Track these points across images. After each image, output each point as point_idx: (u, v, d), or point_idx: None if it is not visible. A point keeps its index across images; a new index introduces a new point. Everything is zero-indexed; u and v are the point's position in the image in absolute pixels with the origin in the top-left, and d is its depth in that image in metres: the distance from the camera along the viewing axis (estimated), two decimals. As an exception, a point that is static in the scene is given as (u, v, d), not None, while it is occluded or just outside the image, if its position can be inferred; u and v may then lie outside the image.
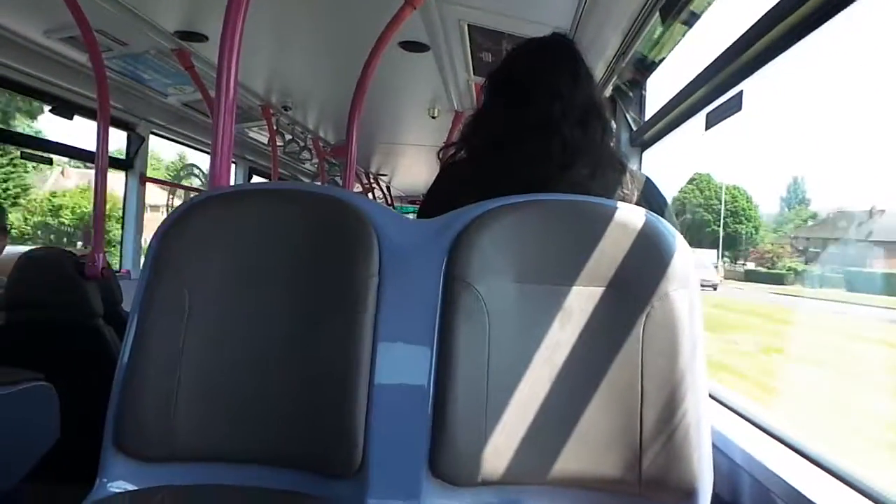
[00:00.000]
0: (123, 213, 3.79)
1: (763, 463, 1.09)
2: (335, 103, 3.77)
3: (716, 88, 1.53)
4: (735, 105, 1.38)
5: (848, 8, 1.04)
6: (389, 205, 8.86)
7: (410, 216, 1.20)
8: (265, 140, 4.64)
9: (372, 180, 7.90)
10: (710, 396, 1.24)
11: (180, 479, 0.98)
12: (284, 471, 0.98)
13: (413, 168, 6.98)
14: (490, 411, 0.94)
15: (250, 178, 5.46)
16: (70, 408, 1.72)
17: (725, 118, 1.42)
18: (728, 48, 1.40)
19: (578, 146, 1.15)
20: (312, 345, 0.99)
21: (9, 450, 1.60)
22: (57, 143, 3.44)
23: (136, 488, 0.97)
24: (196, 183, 6.71)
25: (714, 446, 0.98)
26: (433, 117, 3.93)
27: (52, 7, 2.20)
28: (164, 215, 1.09)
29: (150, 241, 1.05)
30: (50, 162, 3.57)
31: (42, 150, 3.41)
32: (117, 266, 3.70)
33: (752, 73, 1.37)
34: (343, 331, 0.98)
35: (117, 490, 0.97)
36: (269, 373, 1.00)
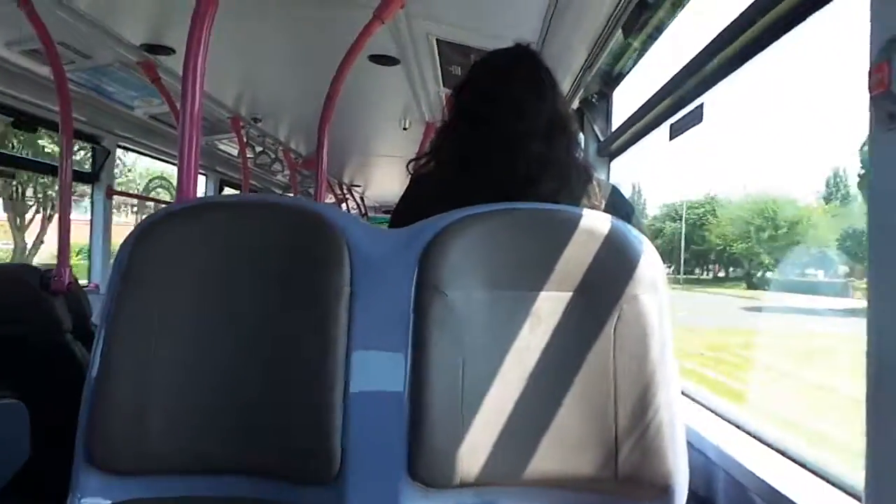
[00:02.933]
0: (91, 225, 3.72)
1: (736, 459, 1.12)
2: (306, 115, 3.76)
3: (678, 100, 1.58)
4: (697, 116, 1.43)
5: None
6: (363, 215, 8.84)
7: (385, 227, 1.21)
8: (236, 152, 4.60)
9: (346, 191, 7.88)
10: (683, 394, 1.26)
11: (153, 491, 0.97)
12: (260, 480, 0.98)
13: (386, 178, 6.98)
14: (466, 414, 0.96)
15: (221, 190, 5.40)
16: (41, 424, 1.68)
17: (688, 129, 1.47)
18: (689, 62, 1.45)
19: (544, 161, 1.16)
20: (285, 354, 0.99)
21: None
22: (20, 157, 3.37)
23: (108, 502, 0.96)
24: (166, 196, 6.61)
25: (688, 443, 1.01)
26: (405, 128, 3.94)
27: (13, 19, 2.16)
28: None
29: (117, 254, 1.04)
30: (13, 176, 3.49)
31: (5, 164, 3.33)
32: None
33: (712, 85, 1.41)
34: (316, 340, 0.98)
35: None
36: (241, 383, 0.99)
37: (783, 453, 1.14)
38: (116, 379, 0.98)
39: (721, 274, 24.49)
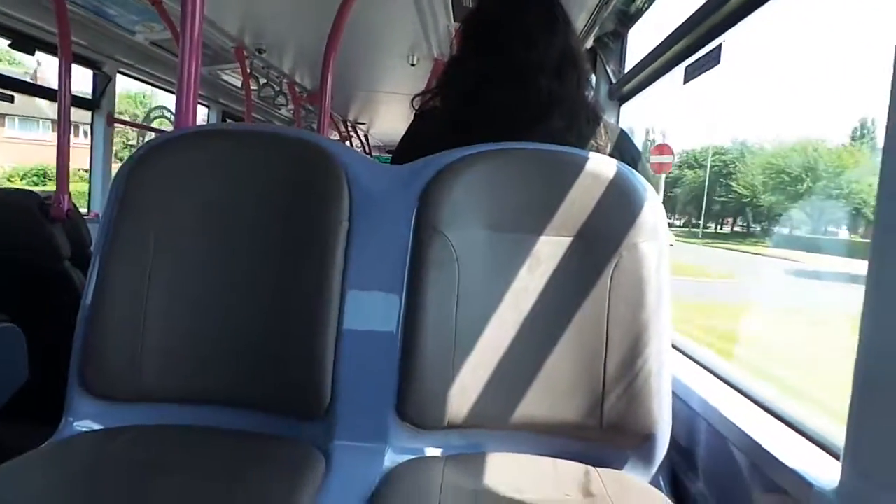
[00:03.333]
0: (91, 154, 3.68)
1: (719, 410, 1.13)
2: (311, 47, 3.65)
3: (696, 41, 1.52)
4: (714, 58, 1.37)
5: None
6: (367, 153, 8.75)
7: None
8: (239, 84, 4.50)
9: (350, 128, 7.77)
10: (674, 347, 1.27)
11: (146, 418, 0.98)
12: (252, 412, 0.99)
13: (392, 117, 6.86)
14: (457, 357, 0.96)
15: (224, 122, 5.32)
16: (38, 349, 1.71)
17: (704, 71, 1.42)
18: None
19: (555, 97, 1.13)
20: (280, 287, 0.99)
21: None
22: (18, 80, 3.30)
23: (101, 427, 0.98)
24: (168, 126, 6.53)
25: (674, 394, 1.01)
26: (412, 65, 3.84)
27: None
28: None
29: (113, 181, 1.02)
30: (11, 99, 3.43)
31: (4, 86, 3.27)
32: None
33: (731, 26, 1.35)
34: (312, 274, 0.98)
35: (83, 429, 0.98)
36: (235, 314, 0.99)
37: (765, 408, 1.15)
38: (110, 306, 0.98)
39: (742, 228, 22.50)
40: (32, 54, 3.01)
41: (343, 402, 0.96)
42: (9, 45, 2.96)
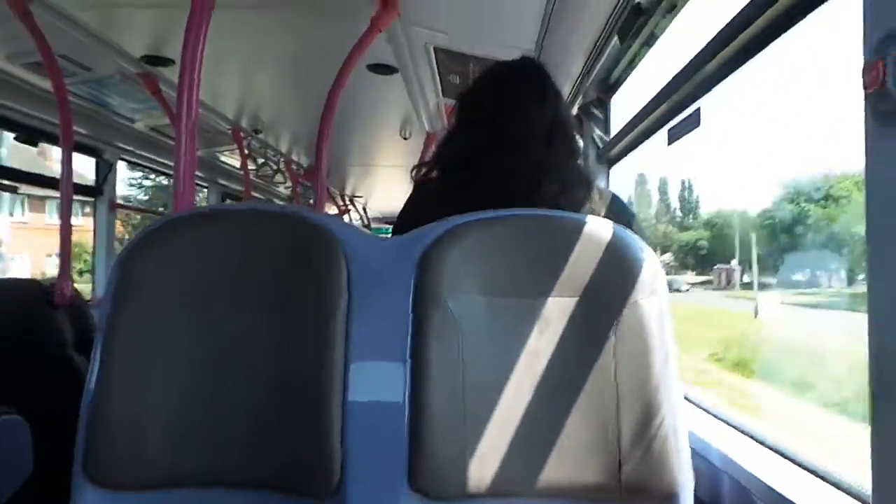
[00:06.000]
0: (94, 240, 3.72)
1: (742, 465, 1.11)
2: (307, 126, 3.77)
3: (676, 105, 1.58)
4: (694, 121, 1.43)
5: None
6: (365, 226, 8.85)
7: (388, 236, 1.21)
8: (238, 164, 4.61)
9: (348, 202, 7.90)
10: (686, 399, 1.26)
11: None
12: (260, 493, 0.97)
13: (388, 189, 6.99)
14: (467, 424, 0.95)
15: (223, 202, 5.41)
16: (43, 439, 1.68)
17: (686, 133, 1.47)
18: (685, 66, 1.45)
19: (545, 164, 1.17)
20: (284, 365, 0.99)
21: None
22: (22, 171, 3.38)
23: None
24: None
25: (692, 450, 0.99)
26: (405, 138, 3.95)
27: (14, 32, 2.18)
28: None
29: (112, 268, 1.04)
30: (15, 190, 3.50)
31: (6, 177, 3.34)
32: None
33: (709, 89, 1.41)
34: (314, 350, 0.98)
35: None
36: (239, 395, 0.99)
37: (789, 458, 1.13)
38: (113, 394, 0.97)
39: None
40: (36, 146, 3.11)
41: (353, 478, 0.94)
42: (14, 139, 3.05)
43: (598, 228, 1.01)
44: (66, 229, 2.47)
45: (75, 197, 2.58)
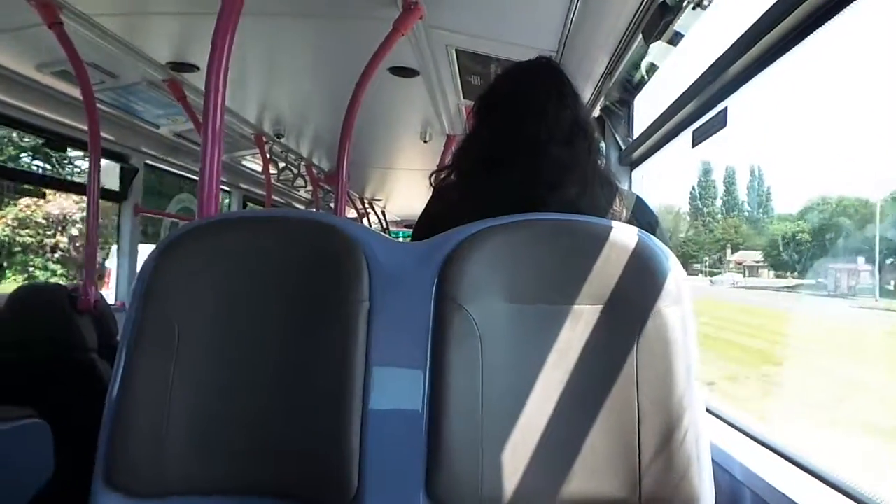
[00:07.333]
0: (118, 245, 3.79)
1: (763, 477, 1.08)
2: (328, 130, 3.79)
3: (701, 106, 1.55)
4: (720, 121, 1.40)
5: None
6: (384, 230, 8.87)
7: (406, 240, 1.20)
8: (260, 168, 4.65)
9: (367, 205, 7.92)
10: (708, 411, 1.23)
11: None
12: (280, 500, 0.97)
13: (408, 192, 7.00)
14: (486, 433, 0.94)
15: (245, 206, 5.47)
16: (65, 444, 1.70)
17: (712, 135, 1.44)
18: (711, 65, 1.42)
19: (565, 165, 1.15)
20: (304, 372, 0.99)
21: (3, 488, 1.58)
22: (50, 177, 3.45)
23: None
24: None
25: (713, 462, 0.97)
26: (425, 141, 3.95)
27: (44, 42, 2.23)
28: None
29: (138, 274, 1.05)
30: (43, 195, 3.57)
31: (35, 183, 3.42)
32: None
33: (735, 89, 1.38)
34: (335, 356, 0.97)
35: None
36: (260, 402, 0.99)
37: (810, 471, 1.10)
38: (136, 400, 0.97)
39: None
40: (64, 152, 3.17)
41: (371, 487, 0.93)
42: (43, 144, 3.12)
43: (622, 234, 0.99)
44: (92, 234, 2.51)
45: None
